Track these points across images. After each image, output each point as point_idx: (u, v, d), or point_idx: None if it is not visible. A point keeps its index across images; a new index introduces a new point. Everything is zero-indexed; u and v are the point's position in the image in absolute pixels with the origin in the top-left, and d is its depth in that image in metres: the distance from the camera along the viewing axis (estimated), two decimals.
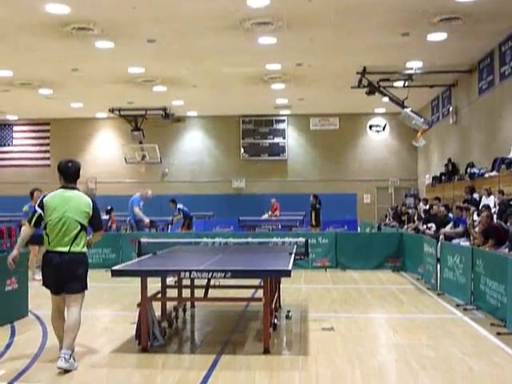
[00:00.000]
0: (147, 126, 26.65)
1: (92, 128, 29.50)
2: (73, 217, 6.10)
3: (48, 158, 29.62)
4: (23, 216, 12.55)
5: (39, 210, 6.16)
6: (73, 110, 26.56)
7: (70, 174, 6.33)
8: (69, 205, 6.14)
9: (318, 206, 20.43)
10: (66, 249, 6.07)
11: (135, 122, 26.58)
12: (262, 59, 17.91)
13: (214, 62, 18.08)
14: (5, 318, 8.17)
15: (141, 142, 27.24)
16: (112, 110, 25.92)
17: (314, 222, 20.15)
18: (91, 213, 6.22)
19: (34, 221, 6.16)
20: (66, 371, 5.79)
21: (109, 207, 20.03)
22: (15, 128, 29.90)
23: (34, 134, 29.73)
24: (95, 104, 25.46)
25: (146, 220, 16.29)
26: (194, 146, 29.30)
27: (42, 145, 29.68)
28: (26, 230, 6.31)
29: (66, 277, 6.07)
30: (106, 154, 29.30)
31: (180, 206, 19.05)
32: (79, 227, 6.13)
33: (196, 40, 15.76)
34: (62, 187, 6.29)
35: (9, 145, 29.82)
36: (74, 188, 6.31)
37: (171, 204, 19.52)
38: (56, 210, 6.11)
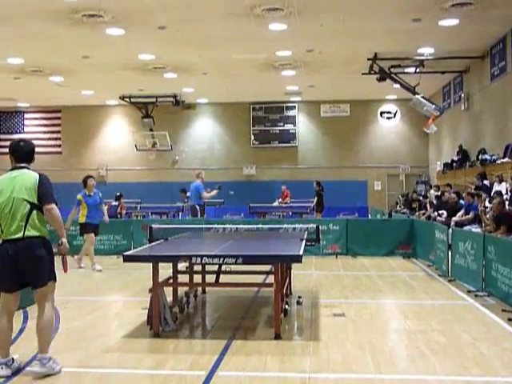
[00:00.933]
0: (158, 113, 26.66)
1: (103, 115, 29.55)
2: (20, 196, 5.41)
3: (59, 146, 29.73)
4: (76, 204, 12.60)
5: None
6: (84, 98, 26.60)
7: (20, 153, 5.65)
8: (14, 184, 5.45)
9: (321, 192, 20.61)
10: (19, 235, 5.38)
11: (146, 110, 26.58)
12: (272, 46, 17.83)
13: (224, 48, 18.03)
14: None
15: (151, 130, 27.24)
16: (123, 98, 25.92)
17: (316, 207, 20.46)
18: (37, 188, 5.43)
19: None
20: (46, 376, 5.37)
21: (118, 193, 20.07)
22: (26, 115, 29.99)
23: (45, 122, 29.81)
24: (106, 91, 25.48)
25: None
26: (204, 133, 29.29)
27: (53, 132, 29.76)
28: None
29: (27, 268, 5.40)
30: (116, 141, 29.36)
31: (189, 194, 19.07)
32: (29, 206, 5.40)
33: (206, 27, 15.72)
34: (11, 169, 5.64)
35: (20, 132, 29.89)
36: (24, 168, 5.61)
37: (182, 194, 19.57)
38: (3, 193, 5.46)
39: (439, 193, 19.12)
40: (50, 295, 5.54)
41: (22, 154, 5.67)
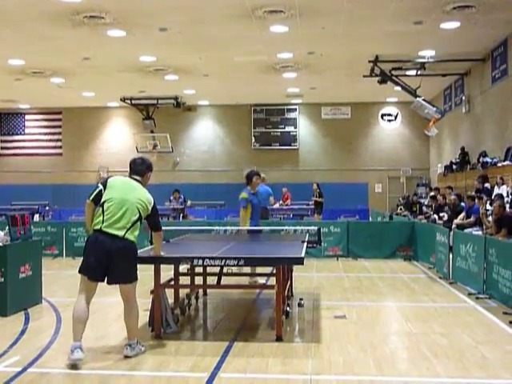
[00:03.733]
0: (159, 115, 26.69)
1: (104, 117, 29.56)
2: (136, 205, 6.08)
3: (60, 147, 29.75)
4: (241, 204, 10.27)
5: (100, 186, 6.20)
6: (85, 99, 26.61)
7: (133, 167, 6.42)
8: (132, 191, 6.15)
9: (320, 194, 20.66)
10: (121, 233, 5.98)
11: (147, 111, 26.63)
12: (273, 48, 17.85)
13: (225, 50, 18.04)
14: (19, 304, 8.24)
15: (152, 131, 27.29)
16: (123, 99, 25.97)
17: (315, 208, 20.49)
18: (150, 211, 6.19)
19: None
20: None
21: None
22: (27, 117, 30.00)
23: (46, 123, 29.81)
24: (107, 93, 25.48)
25: None
26: (205, 135, 29.29)
27: (54, 133, 29.76)
28: None
29: (118, 264, 6.01)
30: (117, 143, 29.37)
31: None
32: (138, 216, 6.08)
33: (208, 29, 15.73)
34: (129, 175, 6.40)
35: (21, 133, 29.93)
36: (139, 181, 6.35)
37: (175, 194, 19.53)
38: (117, 190, 6.12)
39: (433, 193, 19.21)
40: (134, 291, 6.17)
41: (135, 168, 6.41)
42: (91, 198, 6.11)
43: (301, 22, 15.15)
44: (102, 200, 6.05)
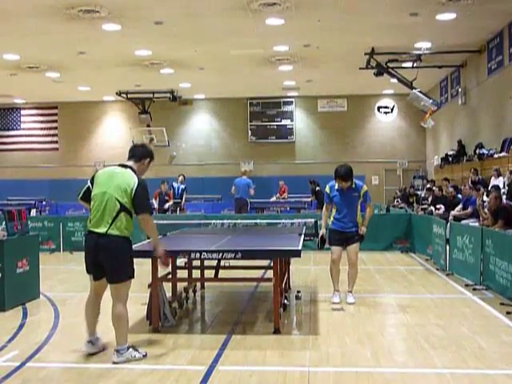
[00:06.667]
0: (155, 108, 26.62)
1: (99, 111, 29.48)
2: (114, 195, 5.65)
3: (56, 142, 29.66)
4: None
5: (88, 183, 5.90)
6: (80, 94, 26.52)
7: (131, 152, 6.08)
8: (112, 181, 5.72)
9: (317, 189, 20.52)
10: (103, 230, 5.63)
11: (143, 105, 26.55)
12: (269, 41, 17.80)
13: (221, 43, 17.98)
14: (16, 299, 8.25)
15: (148, 125, 27.21)
16: (119, 93, 25.88)
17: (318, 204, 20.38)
18: (133, 194, 5.66)
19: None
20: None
21: None
22: (23, 112, 29.89)
23: (41, 118, 29.71)
24: (102, 87, 25.40)
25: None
26: (201, 129, 29.25)
27: (49, 128, 29.66)
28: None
29: (105, 263, 5.68)
30: (113, 137, 29.30)
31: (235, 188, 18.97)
32: (119, 207, 5.63)
33: (203, 22, 15.68)
34: (120, 164, 5.97)
35: (17, 129, 29.83)
36: (128, 167, 5.89)
37: (163, 185, 19.19)
38: (99, 186, 5.76)
39: (429, 185, 19.24)
40: (122, 292, 5.71)
41: (133, 151, 6.06)
42: (79, 197, 5.94)
43: (296, 15, 15.11)
44: (92, 197, 5.81)
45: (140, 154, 6.04)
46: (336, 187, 8.55)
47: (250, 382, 5.13)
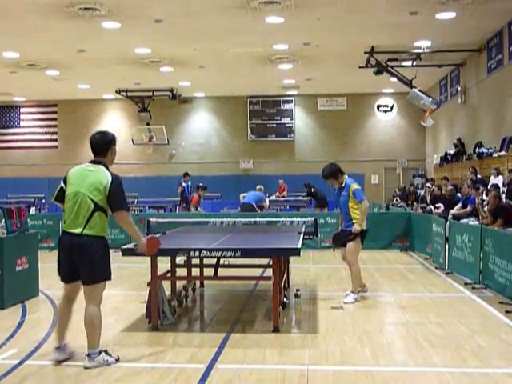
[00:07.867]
0: (154, 107, 26.63)
1: (99, 109, 29.47)
2: (87, 194, 5.48)
3: (55, 140, 29.68)
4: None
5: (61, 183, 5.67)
6: (80, 92, 26.52)
7: (93, 145, 5.72)
8: (85, 179, 5.53)
9: (313, 190, 20.44)
10: (78, 230, 5.48)
11: (142, 103, 26.55)
12: (269, 39, 17.79)
13: (221, 42, 17.98)
14: (16, 297, 8.26)
15: (148, 124, 27.22)
16: (119, 91, 25.88)
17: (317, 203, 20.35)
18: (107, 192, 5.51)
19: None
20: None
21: None
22: (23, 110, 29.89)
23: (41, 116, 29.72)
24: (102, 85, 25.41)
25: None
26: (201, 127, 29.25)
27: (49, 126, 29.68)
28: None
29: (79, 264, 5.51)
30: None
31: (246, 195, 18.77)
32: (93, 206, 5.47)
33: (203, 20, 15.67)
34: (91, 161, 5.70)
35: (16, 126, 29.84)
36: (100, 163, 5.66)
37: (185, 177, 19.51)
38: (72, 185, 5.56)
39: (429, 184, 19.27)
40: (96, 294, 5.54)
41: (95, 146, 5.72)
42: (54, 198, 5.74)
43: (296, 13, 15.11)
44: (65, 197, 5.62)
45: (104, 146, 5.71)
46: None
47: (249, 380, 5.13)
